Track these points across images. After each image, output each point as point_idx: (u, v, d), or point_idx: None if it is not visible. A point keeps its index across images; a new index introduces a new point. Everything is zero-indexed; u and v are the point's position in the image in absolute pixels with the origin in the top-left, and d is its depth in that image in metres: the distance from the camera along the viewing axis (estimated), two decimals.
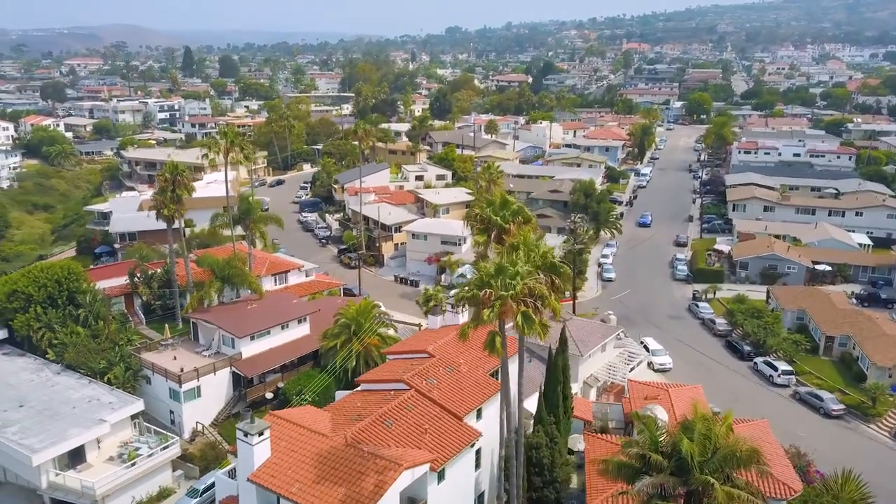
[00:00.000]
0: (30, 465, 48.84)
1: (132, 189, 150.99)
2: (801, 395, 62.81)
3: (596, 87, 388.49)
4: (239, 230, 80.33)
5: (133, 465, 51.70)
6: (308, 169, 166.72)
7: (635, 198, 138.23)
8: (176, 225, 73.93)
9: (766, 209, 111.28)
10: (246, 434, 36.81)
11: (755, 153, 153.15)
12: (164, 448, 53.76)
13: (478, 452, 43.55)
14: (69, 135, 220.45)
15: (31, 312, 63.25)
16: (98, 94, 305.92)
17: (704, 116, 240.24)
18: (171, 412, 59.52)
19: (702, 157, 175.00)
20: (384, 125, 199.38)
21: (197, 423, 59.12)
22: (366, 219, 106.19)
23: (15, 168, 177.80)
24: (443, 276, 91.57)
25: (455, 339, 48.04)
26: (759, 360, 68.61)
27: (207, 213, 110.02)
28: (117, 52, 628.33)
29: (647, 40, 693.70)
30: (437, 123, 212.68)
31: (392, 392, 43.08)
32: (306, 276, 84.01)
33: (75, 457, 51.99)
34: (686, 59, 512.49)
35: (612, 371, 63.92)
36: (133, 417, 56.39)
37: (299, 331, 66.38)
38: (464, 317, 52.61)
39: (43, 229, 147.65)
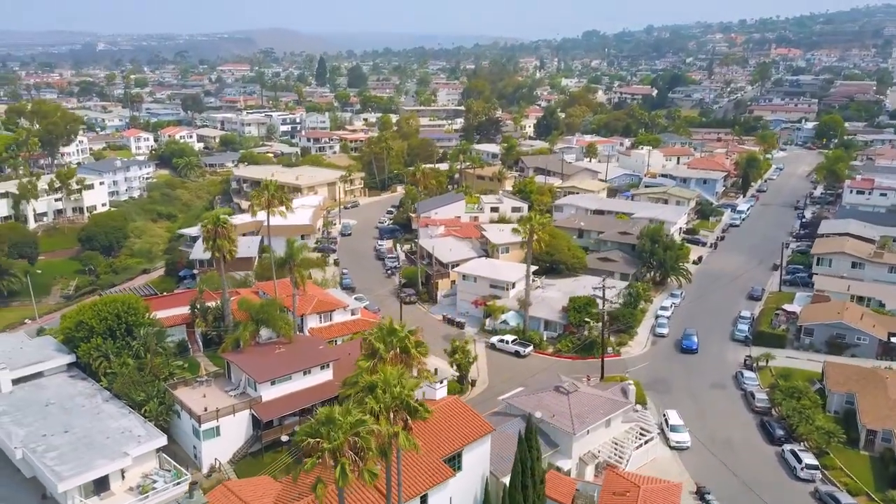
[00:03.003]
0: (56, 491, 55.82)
1: (238, 206, 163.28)
2: (820, 495, 58.57)
3: (727, 100, 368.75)
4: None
5: (146, 497, 57.56)
6: (401, 191, 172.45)
7: (722, 238, 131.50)
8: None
9: (854, 265, 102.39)
10: None
11: (868, 194, 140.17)
12: (177, 484, 59.29)
13: None
14: (200, 146, 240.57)
15: (92, 342, 71.57)
16: (235, 105, 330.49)
17: (835, 141, 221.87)
18: (195, 447, 65.26)
19: (814, 193, 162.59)
20: (481, 146, 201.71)
21: (215, 459, 64.43)
22: (429, 253, 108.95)
23: (147, 178, 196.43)
24: (487, 321, 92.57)
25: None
26: (787, 447, 64.47)
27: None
28: (263, 59, 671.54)
29: (801, 45, 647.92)
30: (537, 145, 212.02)
31: None
32: (351, 314, 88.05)
33: (101, 484, 58.65)
34: (839, 67, 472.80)
35: (617, 448, 62.65)
36: (158, 450, 62.61)
37: (322, 376, 70.26)
38: (442, 391, 54.12)
39: (162, 238, 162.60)
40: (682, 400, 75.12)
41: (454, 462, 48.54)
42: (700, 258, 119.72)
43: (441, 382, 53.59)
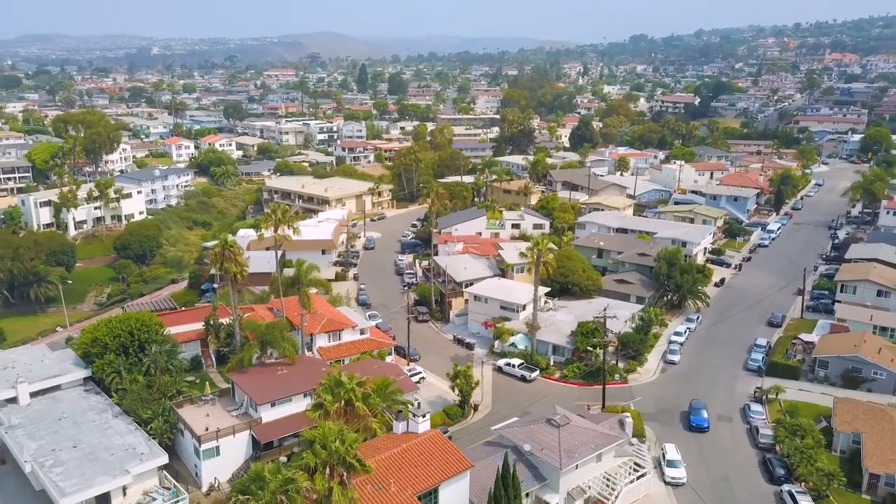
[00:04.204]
0: None
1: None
2: None
3: (773, 109, 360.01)
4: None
5: None
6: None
7: (748, 259, 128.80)
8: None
9: (879, 294, 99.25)
10: None
11: None
12: (175, 502, 61.31)
13: None
14: (239, 153, 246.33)
15: (105, 358, 74.37)
16: (276, 111, 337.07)
17: (880, 154, 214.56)
18: (195, 465, 67.27)
19: (850, 212, 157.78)
20: (511, 158, 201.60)
21: (214, 478, 66.27)
22: (444, 271, 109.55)
23: (185, 186, 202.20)
24: (496, 343, 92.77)
25: (399, 453, 50.42)
26: (786, 487, 63.12)
27: (308, 254, 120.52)
28: (309, 64, 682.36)
29: (857, 50, 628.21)
30: (570, 156, 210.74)
31: None
32: (360, 333, 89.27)
33: (103, 501, 60.98)
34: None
35: (608, 483, 62.29)
36: (160, 468, 64.75)
37: None
38: (425, 425, 54.74)
39: (196, 246, 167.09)
40: (685, 433, 74.07)
41: (430, 498, 49.11)
42: (722, 280, 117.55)
43: (424, 416, 54.15)
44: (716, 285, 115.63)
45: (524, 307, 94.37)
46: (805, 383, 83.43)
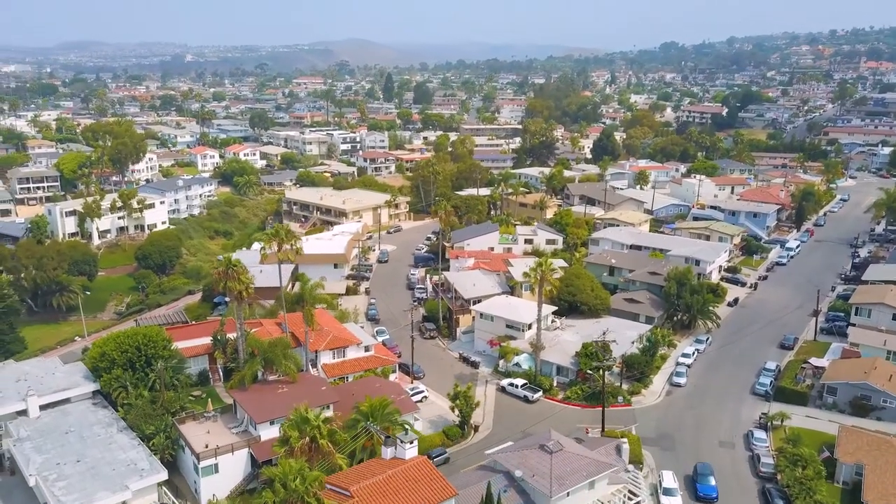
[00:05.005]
0: None
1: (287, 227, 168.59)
2: None
3: (803, 120, 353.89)
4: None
5: None
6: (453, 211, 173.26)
7: (764, 278, 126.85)
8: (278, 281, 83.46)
9: (895, 318, 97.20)
10: None
11: None
12: None
13: None
14: (263, 163, 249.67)
15: (113, 373, 76.06)
16: (302, 120, 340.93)
17: None
18: (195, 482, 68.42)
19: (875, 229, 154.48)
20: (529, 170, 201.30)
21: (213, 495, 67.31)
22: (453, 286, 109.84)
23: (209, 196, 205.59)
24: (501, 362, 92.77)
25: (384, 480, 50.85)
26: None
27: (321, 268, 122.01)
28: (337, 72, 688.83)
29: (895, 58, 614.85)
30: (590, 169, 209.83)
31: None
32: (365, 350, 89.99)
33: None
34: None
35: None
36: (160, 484, 66.02)
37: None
38: (412, 451, 55.10)
39: (216, 255, 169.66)
40: (686, 459, 73.30)
41: None
42: (736, 300, 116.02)
43: (411, 442, 54.52)
44: (729, 305, 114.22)
45: (530, 326, 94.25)
46: (813, 410, 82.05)
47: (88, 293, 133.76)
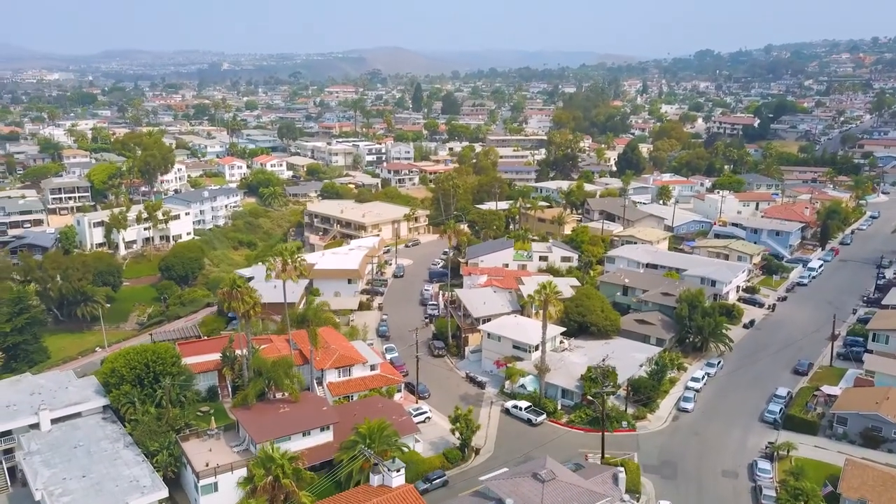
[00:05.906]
0: None
1: (307, 240, 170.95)
2: None
3: (838, 132, 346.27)
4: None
5: None
6: (464, 230, 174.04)
7: (784, 299, 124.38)
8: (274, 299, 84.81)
9: None
10: None
11: None
12: None
13: None
14: (289, 174, 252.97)
15: (122, 389, 77.96)
16: (331, 131, 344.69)
17: None
18: (195, 500, 69.69)
19: None
20: (551, 184, 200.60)
21: None
22: (462, 304, 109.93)
23: (234, 206, 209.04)
24: (506, 383, 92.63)
25: None
26: None
27: (335, 283, 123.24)
28: (369, 81, 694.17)
29: None
30: (613, 183, 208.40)
31: None
32: (371, 369, 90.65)
33: None
34: None
35: None
36: (161, 501, 67.40)
37: (321, 437, 73.27)
38: (399, 479, 55.44)
39: (239, 266, 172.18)
40: (686, 489, 72.44)
41: None
42: (752, 322, 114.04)
43: (398, 471, 54.88)
44: (745, 326, 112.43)
45: (536, 347, 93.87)
46: (822, 440, 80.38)
47: (111, 304, 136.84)
